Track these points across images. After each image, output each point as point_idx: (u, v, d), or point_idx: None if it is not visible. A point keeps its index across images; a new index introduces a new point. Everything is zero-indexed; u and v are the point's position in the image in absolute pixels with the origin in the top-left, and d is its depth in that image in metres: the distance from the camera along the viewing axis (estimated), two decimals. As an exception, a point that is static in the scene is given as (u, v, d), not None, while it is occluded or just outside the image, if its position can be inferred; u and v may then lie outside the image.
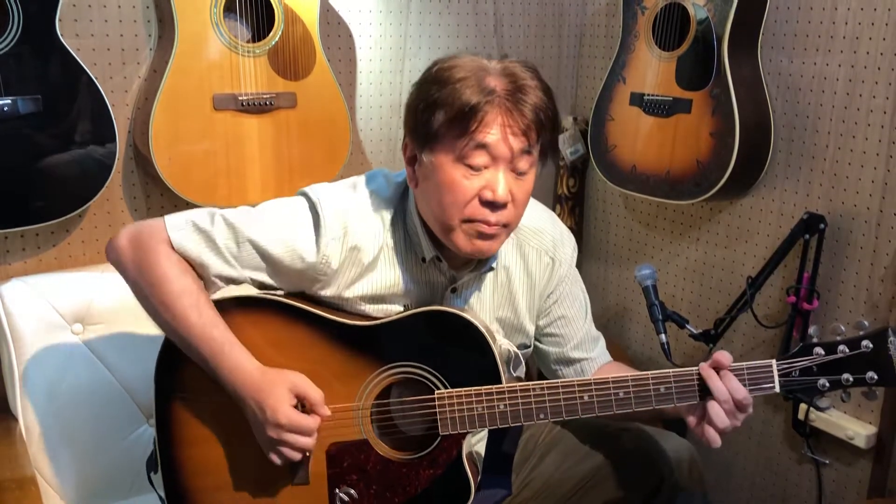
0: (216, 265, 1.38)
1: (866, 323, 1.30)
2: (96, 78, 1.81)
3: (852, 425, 1.97)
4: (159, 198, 2.06)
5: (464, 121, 1.27)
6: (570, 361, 1.58)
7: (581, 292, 1.61)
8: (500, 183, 1.30)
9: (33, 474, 1.68)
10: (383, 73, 2.32)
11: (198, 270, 1.39)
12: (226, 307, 1.40)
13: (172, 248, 1.38)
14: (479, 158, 1.29)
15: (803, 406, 2.04)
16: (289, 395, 1.32)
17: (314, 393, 1.33)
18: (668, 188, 2.18)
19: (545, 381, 1.35)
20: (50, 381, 1.78)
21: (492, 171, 1.30)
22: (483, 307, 1.50)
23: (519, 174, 1.32)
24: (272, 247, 1.38)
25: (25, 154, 1.75)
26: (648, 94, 2.18)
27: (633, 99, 2.23)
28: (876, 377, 1.28)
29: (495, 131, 1.28)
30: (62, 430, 1.79)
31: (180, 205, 2.06)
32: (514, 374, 1.52)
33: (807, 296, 2.00)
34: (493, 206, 1.31)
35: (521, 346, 1.55)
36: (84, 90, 1.79)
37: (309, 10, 1.98)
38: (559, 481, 1.58)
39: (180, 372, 1.42)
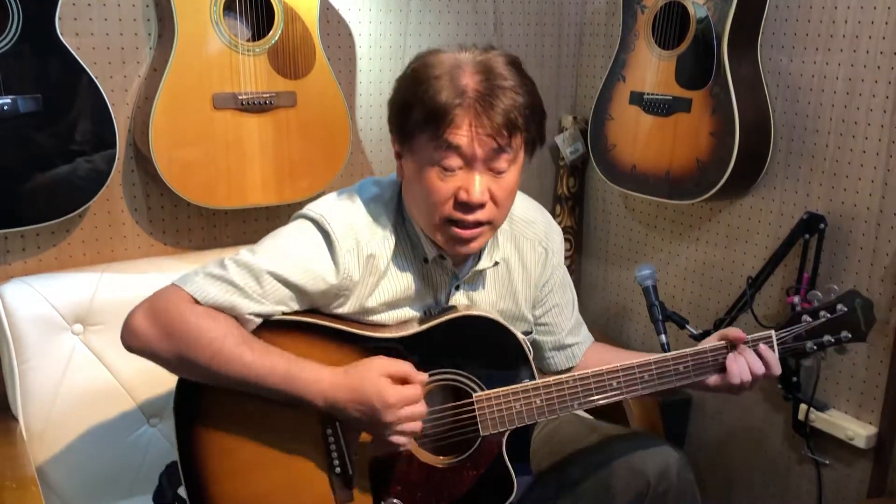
0: (246, 304, 1.34)
1: (836, 287, 1.49)
2: (96, 77, 1.80)
3: (852, 425, 1.97)
4: (159, 197, 2.05)
5: (434, 122, 1.28)
6: (564, 347, 1.64)
7: (569, 280, 1.66)
8: (474, 184, 1.30)
9: (33, 474, 1.67)
10: (383, 73, 2.32)
11: (229, 313, 1.34)
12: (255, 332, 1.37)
13: (196, 302, 1.32)
14: (452, 160, 1.29)
15: (803, 406, 2.04)
16: (383, 378, 1.30)
17: (403, 365, 1.33)
18: (668, 188, 2.18)
19: (576, 373, 1.40)
20: (50, 381, 1.78)
21: (466, 172, 1.30)
22: (486, 301, 1.52)
23: (498, 173, 1.32)
24: (292, 274, 1.35)
25: (25, 153, 1.75)
26: (648, 93, 2.18)
27: (632, 98, 2.23)
28: (850, 336, 1.47)
29: (465, 133, 1.28)
30: (62, 430, 1.79)
31: (180, 204, 2.06)
32: None
33: (806, 295, 2.00)
34: (467, 207, 1.31)
35: (525, 333, 1.56)
36: (84, 89, 1.79)
37: (309, 9, 1.97)
38: (548, 483, 1.58)
39: (202, 405, 1.36)
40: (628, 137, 2.27)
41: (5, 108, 1.70)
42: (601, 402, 1.40)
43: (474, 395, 1.38)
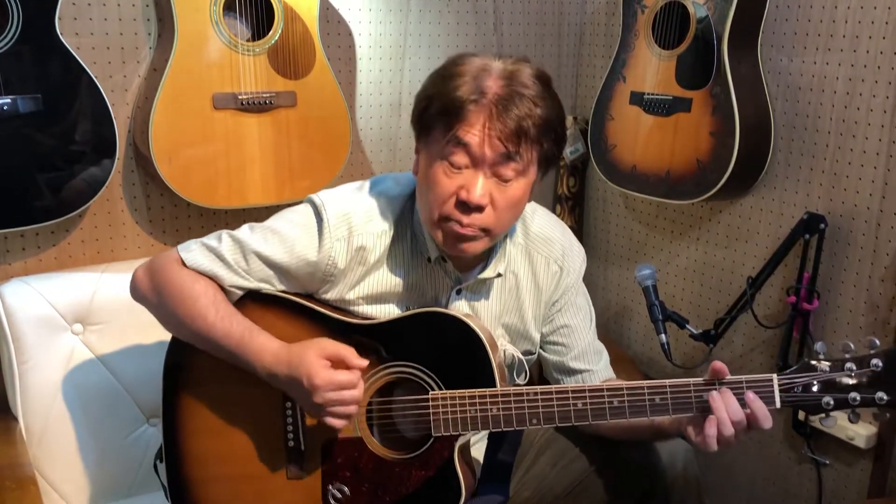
0: (229, 277, 1.42)
1: (877, 341, 1.25)
2: (96, 77, 1.80)
3: (853, 426, 1.97)
4: (159, 197, 2.05)
5: (449, 116, 1.28)
6: (570, 371, 1.57)
7: (586, 304, 1.60)
8: (476, 186, 1.29)
9: (33, 474, 1.68)
10: (383, 72, 2.32)
11: (213, 281, 1.43)
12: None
13: (185, 265, 1.42)
14: (460, 157, 1.29)
15: (803, 406, 2.04)
16: (319, 359, 1.32)
17: (343, 349, 1.34)
18: (668, 188, 2.18)
19: (539, 387, 1.34)
20: (50, 381, 1.78)
21: (471, 172, 1.30)
22: (489, 311, 1.50)
23: (503, 181, 1.31)
24: (277, 256, 1.41)
25: (25, 153, 1.75)
26: (648, 93, 2.18)
27: (633, 98, 2.23)
28: (886, 398, 1.22)
29: (477, 132, 1.27)
30: (62, 430, 1.79)
31: (180, 204, 2.06)
32: (518, 380, 1.52)
33: (807, 296, 2.00)
34: (466, 207, 1.30)
35: (526, 353, 1.55)
36: (84, 89, 1.79)
37: (309, 9, 1.97)
38: (554, 481, 1.58)
39: (188, 363, 1.44)
40: (628, 137, 2.27)
41: (5, 108, 1.70)
42: (562, 424, 1.33)
43: (430, 393, 1.37)
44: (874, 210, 1.91)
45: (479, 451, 1.53)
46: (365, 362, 1.35)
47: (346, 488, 1.40)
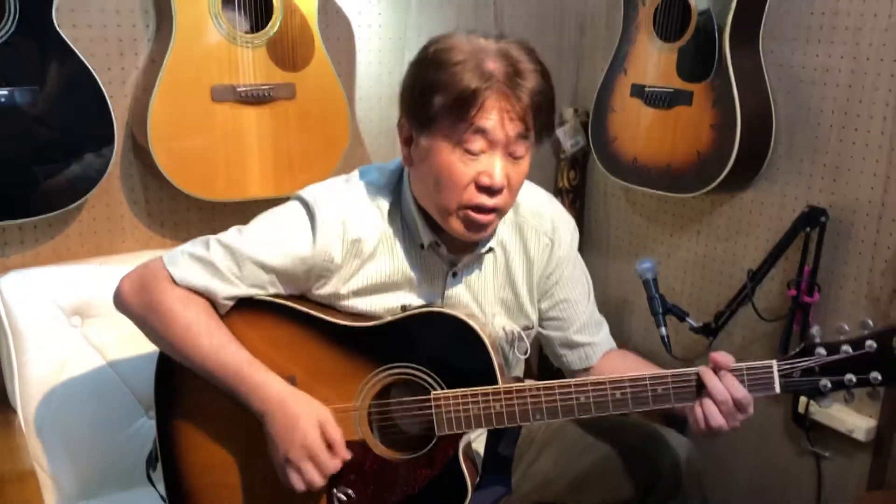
0: (222, 289, 1.38)
1: (871, 322, 1.28)
2: (94, 69, 1.80)
3: (852, 418, 1.97)
4: (157, 190, 2.05)
5: (463, 106, 1.26)
6: (573, 345, 1.58)
7: (583, 275, 1.61)
8: (497, 168, 1.29)
9: (32, 466, 1.68)
10: (382, 64, 2.31)
11: (206, 297, 1.39)
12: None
13: (175, 283, 1.38)
14: (477, 143, 1.29)
15: (803, 399, 2.04)
16: (317, 427, 1.32)
17: (338, 436, 1.34)
18: (668, 181, 2.17)
19: (541, 382, 1.34)
20: (49, 374, 1.78)
21: (489, 155, 1.30)
22: (485, 289, 1.50)
23: (515, 158, 1.32)
24: (273, 259, 1.38)
25: (23, 146, 1.75)
26: (649, 86, 2.17)
27: (634, 90, 2.22)
28: (880, 377, 1.25)
29: (493, 116, 1.27)
30: (61, 423, 1.79)
31: (179, 197, 2.05)
32: (518, 356, 1.52)
33: (807, 289, 2.00)
34: (489, 191, 1.30)
35: (525, 328, 1.55)
36: (82, 81, 1.78)
37: (308, 1, 1.97)
38: (557, 476, 1.58)
39: (181, 372, 1.41)
40: (629, 130, 2.26)
41: (2, 100, 1.69)
42: (566, 418, 1.35)
43: (432, 392, 1.36)
44: (875, 203, 1.91)
45: (479, 443, 1.53)
46: (348, 455, 1.35)
47: (350, 491, 1.39)
